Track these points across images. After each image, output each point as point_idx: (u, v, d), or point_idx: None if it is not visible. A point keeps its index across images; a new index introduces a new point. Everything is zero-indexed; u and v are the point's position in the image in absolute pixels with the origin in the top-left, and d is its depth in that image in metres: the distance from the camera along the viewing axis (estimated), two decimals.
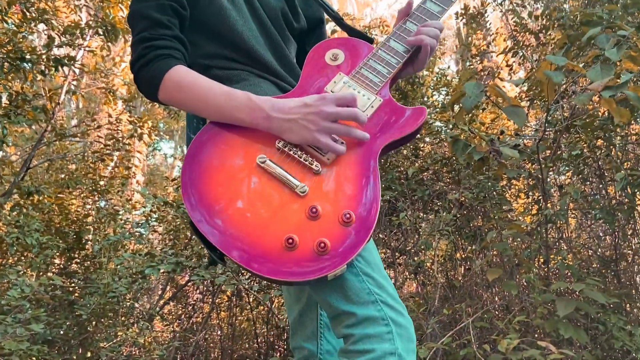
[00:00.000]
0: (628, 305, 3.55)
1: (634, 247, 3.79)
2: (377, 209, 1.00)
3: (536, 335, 3.19)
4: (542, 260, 3.59)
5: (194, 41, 1.23)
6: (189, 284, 5.40)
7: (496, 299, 3.93)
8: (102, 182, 5.88)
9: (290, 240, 0.96)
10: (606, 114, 3.23)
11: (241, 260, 0.96)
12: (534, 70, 4.01)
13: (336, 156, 1.06)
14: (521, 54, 4.77)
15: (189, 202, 1.02)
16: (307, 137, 1.03)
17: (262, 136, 1.07)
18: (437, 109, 4.90)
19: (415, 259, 4.11)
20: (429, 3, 1.25)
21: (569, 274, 3.36)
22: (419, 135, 4.81)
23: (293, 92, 1.15)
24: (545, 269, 3.47)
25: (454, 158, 4.08)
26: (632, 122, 3.66)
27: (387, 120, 1.11)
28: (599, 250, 4.04)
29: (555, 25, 4.02)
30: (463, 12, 5.54)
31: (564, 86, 3.31)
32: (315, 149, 1.06)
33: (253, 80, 1.23)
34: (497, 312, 3.76)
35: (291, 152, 1.06)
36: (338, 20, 1.42)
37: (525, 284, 3.50)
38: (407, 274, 4.37)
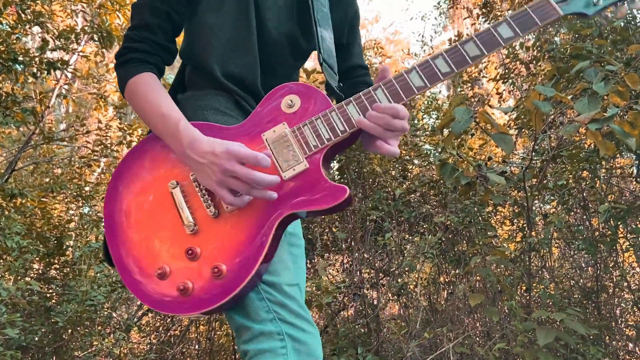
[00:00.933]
0: (607, 337, 3.56)
1: (615, 279, 3.82)
2: (250, 272, 1.00)
3: None
4: (524, 288, 3.60)
5: (186, 41, 1.33)
6: None
7: (477, 324, 3.92)
8: (87, 188, 5.81)
9: (160, 271, 1.02)
10: (592, 146, 3.28)
11: (119, 270, 1.07)
12: (523, 99, 4.07)
13: (236, 208, 1.07)
14: (511, 82, 4.84)
15: (106, 199, 1.13)
16: (208, 183, 1.06)
17: (184, 163, 1.12)
18: (427, 132, 4.95)
19: (399, 280, 4.10)
20: (413, 74, 1.11)
21: (551, 303, 3.37)
22: (408, 157, 4.85)
23: (238, 127, 1.15)
24: (527, 297, 3.48)
25: (441, 181, 4.10)
26: (617, 155, 3.72)
27: (302, 188, 1.07)
28: (581, 280, 4.07)
29: (546, 57, 4.09)
30: (456, 39, 5.63)
31: (552, 116, 3.36)
32: None
33: (209, 91, 1.27)
34: (477, 338, 3.76)
35: (197, 189, 1.10)
36: (321, 63, 1.39)
37: (506, 311, 3.51)
38: (389, 295, 4.36)
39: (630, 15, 3.44)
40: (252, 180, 1.02)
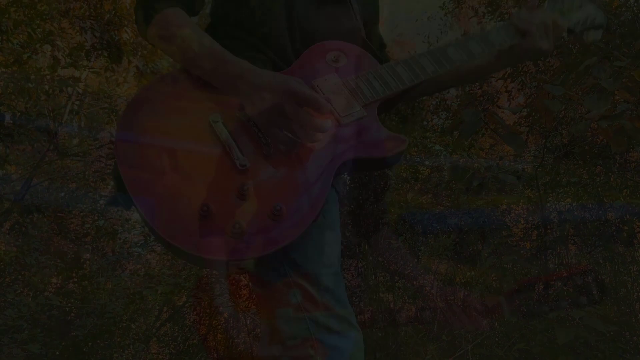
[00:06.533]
0: (627, 332, 3.52)
1: (632, 274, 3.77)
2: (312, 216, 0.91)
3: None
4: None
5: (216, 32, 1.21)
6: (186, 305, 5.36)
7: (496, 324, 3.90)
8: (101, 201, 5.87)
9: (205, 208, 0.87)
10: (604, 141, 3.25)
11: (148, 214, 0.88)
12: (532, 97, 4.05)
13: (293, 147, 0.97)
14: (520, 80, 4.82)
15: (122, 131, 0.96)
16: (258, 118, 0.96)
17: (225, 97, 1.01)
18: (437, 132, 4.94)
19: (414, 282, 4.09)
20: (450, 49, 1.18)
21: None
22: (418, 159, 4.84)
23: (286, 72, 1.07)
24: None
25: (453, 182, 4.09)
26: (631, 149, 3.69)
27: (361, 135, 1.03)
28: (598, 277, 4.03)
29: (554, 53, 4.07)
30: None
31: (563, 112, 3.34)
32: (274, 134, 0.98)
33: (245, 54, 1.13)
34: (497, 339, 3.73)
35: (247, 124, 0.98)
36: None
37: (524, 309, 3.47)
38: (405, 298, 4.35)
39: (637, 9, 3.41)
40: (310, 126, 0.93)
